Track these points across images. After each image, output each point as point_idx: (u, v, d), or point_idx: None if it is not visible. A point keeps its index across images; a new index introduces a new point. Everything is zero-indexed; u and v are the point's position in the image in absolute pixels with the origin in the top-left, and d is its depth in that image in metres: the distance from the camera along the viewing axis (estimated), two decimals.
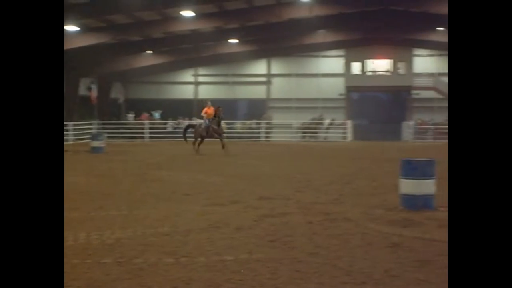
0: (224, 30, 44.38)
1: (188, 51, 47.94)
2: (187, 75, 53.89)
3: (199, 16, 39.98)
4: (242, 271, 6.56)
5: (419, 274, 6.25)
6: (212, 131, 26.24)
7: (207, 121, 26.77)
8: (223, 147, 25.80)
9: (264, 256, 7.06)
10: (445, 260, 6.82)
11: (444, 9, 41.88)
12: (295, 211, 10.57)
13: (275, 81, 54.41)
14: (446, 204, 10.86)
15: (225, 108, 52.42)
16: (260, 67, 54.30)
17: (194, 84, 54.45)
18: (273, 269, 6.52)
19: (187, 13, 38.24)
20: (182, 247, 7.66)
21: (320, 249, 7.45)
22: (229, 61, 52.30)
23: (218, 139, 26.45)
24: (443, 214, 10.04)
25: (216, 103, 53.44)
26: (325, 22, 44.98)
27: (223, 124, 27.72)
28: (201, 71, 54.46)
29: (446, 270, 6.32)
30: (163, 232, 8.72)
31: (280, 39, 49.62)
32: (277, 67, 54.63)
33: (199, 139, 26.96)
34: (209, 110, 27.29)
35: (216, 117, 26.49)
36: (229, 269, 6.54)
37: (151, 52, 46.60)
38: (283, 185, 14.75)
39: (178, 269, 6.60)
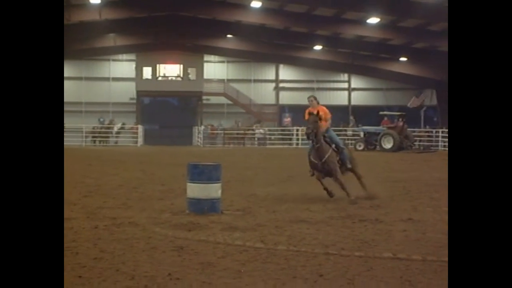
0: None
1: None
2: None
3: None
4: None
5: (202, 276, 6.35)
6: (321, 168, 12.79)
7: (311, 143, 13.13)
8: (362, 186, 13.33)
9: None
10: (227, 261, 7.01)
11: (232, 17, 43.11)
12: (81, 216, 10.37)
13: (65, 84, 53.12)
14: (232, 208, 11.20)
15: None
16: None
17: None
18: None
19: None
20: None
21: (105, 254, 7.36)
22: None
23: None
24: (227, 217, 10.30)
25: None
26: (116, 26, 44.75)
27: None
28: None
29: (228, 272, 6.52)
30: None
31: (70, 41, 48.52)
32: (67, 69, 53.34)
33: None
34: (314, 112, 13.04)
35: (319, 133, 12.77)
36: None
37: None
38: (69, 190, 14.35)
39: None
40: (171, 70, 52.86)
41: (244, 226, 9.36)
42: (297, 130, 47.84)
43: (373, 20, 40.00)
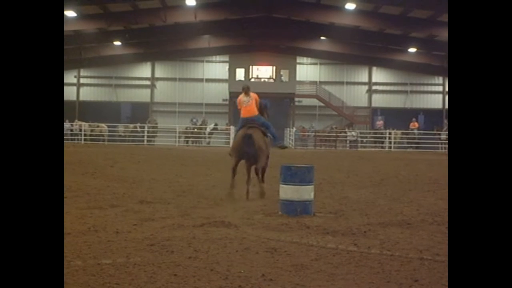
0: (107, 32, 43.87)
1: (71, 52, 46.86)
2: (70, 77, 52.76)
3: (82, 16, 39.35)
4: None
5: (295, 278, 6.35)
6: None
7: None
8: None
9: (142, 260, 7.00)
10: (320, 264, 6.99)
11: (326, 19, 42.98)
12: (175, 215, 10.54)
13: (160, 84, 54.19)
14: (324, 210, 11.16)
15: (108, 111, 52.03)
16: (144, 70, 53.95)
17: (76, 86, 53.47)
18: (151, 273, 6.48)
19: (70, 13, 37.54)
20: None
21: (199, 253, 7.45)
22: (112, 63, 51.69)
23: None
24: (320, 219, 10.26)
25: (98, 105, 52.88)
26: (210, 28, 45.25)
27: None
28: (84, 72, 53.59)
29: (321, 275, 6.50)
30: None
31: (165, 43, 49.53)
32: (161, 70, 54.43)
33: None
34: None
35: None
36: (106, 273, 6.45)
37: None
38: (164, 189, 14.69)
39: None
40: (263, 71, 53.08)
41: (336, 229, 9.31)
42: (390, 134, 47.32)
43: None
